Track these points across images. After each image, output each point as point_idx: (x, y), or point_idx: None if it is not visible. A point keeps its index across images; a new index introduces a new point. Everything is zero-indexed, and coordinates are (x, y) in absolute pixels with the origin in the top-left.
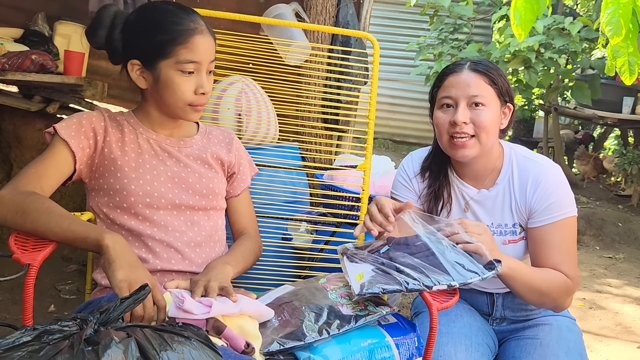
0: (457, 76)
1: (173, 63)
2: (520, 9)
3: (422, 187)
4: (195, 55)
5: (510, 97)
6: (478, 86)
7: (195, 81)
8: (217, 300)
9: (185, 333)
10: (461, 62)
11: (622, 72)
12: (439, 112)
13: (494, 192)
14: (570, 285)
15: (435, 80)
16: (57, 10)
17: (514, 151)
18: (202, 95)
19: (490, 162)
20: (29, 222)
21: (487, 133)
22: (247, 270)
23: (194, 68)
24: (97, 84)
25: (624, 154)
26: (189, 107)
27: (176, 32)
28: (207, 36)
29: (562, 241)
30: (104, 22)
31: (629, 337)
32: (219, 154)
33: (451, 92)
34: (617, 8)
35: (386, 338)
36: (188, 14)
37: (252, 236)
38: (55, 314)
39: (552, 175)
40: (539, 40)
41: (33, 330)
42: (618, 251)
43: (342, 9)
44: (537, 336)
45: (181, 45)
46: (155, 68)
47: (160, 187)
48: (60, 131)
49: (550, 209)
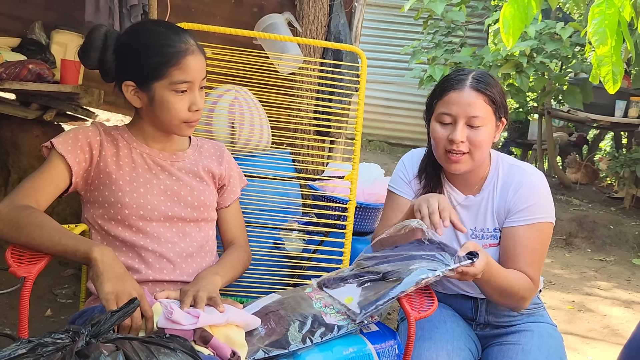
0: (458, 94)
1: (167, 84)
2: (508, 17)
3: (419, 187)
4: (188, 75)
5: (505, 112)
6: (478, 106)
7: (188, 99)
8: (205, 311)
9: (172, 345)
10: (463, 76)
11: (606, 80)
12: (437, 124)
13: (479, 198)
14: (533, 289)
15: (435, 90)
16: (54, 19)
17: (501, 159)
18: (196, 112)
19: (480, 171)
20: (23, 235)
21: (482, 151)
22: (235, 279)
23: (187, 87)
24: (93, 92)
25: (616, 157)
26: (184, 124)
27: (169, 55)
28: (198, 55)
29: (533, 244)
30: (95, 44)
31: (616, 340)
32: (210, 167)
33: (451, 110)
34: (603, 19)
35: (367, 346)
36: (178, 34)
37: (242, 246)
38: (52, 319)
39: (534, 180)
40: (531, 45)
41: (28, 342)
42: (609, 254)
43: (334, 19)
44: (519, 342)
45: (174, 67)
46: (150, 89)
47: (154, 200)
48: (57, 146)
49: (528, 211)
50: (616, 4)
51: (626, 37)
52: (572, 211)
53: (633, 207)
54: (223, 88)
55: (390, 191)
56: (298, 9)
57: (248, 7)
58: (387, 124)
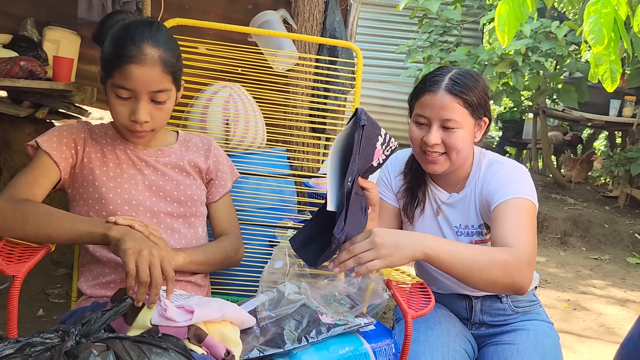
0: (432, 96)
1: (111, 84)
2: (504, 15)
3: (401, 185)
4: (128, 83)
5: (485, 111)
6: (451, 109)
7: (130, 107)
8: (198, 306)
9: (164, 344)
10: (439, 77)
11: (604, 79)
12: (413, 125)
13: (462, 195)
14: (518, 258)
15: (413, 90)
16: (47, 15)
17: (484, 155)
18: (134, 122)
19: (462, 170)
20: (29, 225)
21: (458, 152)
22: (212, 266)
23: (129, 95)
24: (86, 89)
25: (610, 156)
26: (127, 130)
27: (116, 56)
28: (148, 67)
29: (512, 216)
30: (104, 29)
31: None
32: (196, 161)
33: (425, 112)
34: (599, 17)
35: (364, 345)
36: (135, 39)
37: (229, 236)
38: (44, 319)
39: (514, 167)
40: (526, 43)
41: (16, 342)
42: (604, 252)
43: (330, 16)
44: (514, 341)
45: (117, 70)
46: (105, 83)
47: (138, 195)
48: (42, 144)
49: (506, 190)
50: (612, 3)
51: (623, 35)
52: (567, 210)
53: (627, 206)
54: (218, 85)
55: None
56: (293, 6)
57: (243, 4)
58: (382, 123)
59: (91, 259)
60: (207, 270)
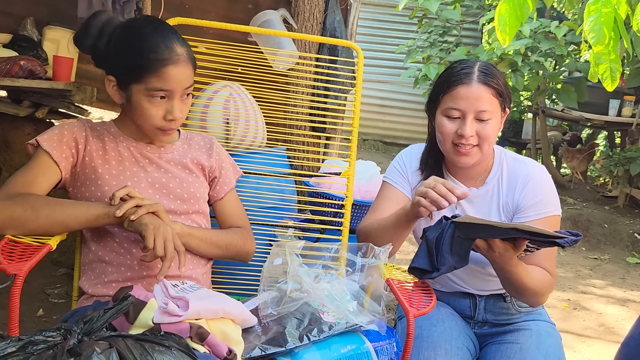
0: (466, 88)
1: (143, 89)
2: (504, 15)
3: (418, 181)
4: (166, 84)
5: (509, 102)
6: (486, 100)
7: (165, 107)
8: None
9: (166, 342)
10: (469, 69)
11: (604, 78)
12: (444, 119)
13: (483, 191)
14: (553, 283)
15: (441, 83)
16: (46, 15)
17: (504, 152)
18: (170, 121)
19: (484, 163)
20: (42, 215)
21: (490, 143)
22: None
23: (164, 94)
24: (86, 89)
25: (610, 156)
26: (158, 131)
27: (149, 61)
28: (183, 65)
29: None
30: (91, 31)
31: (611, 338)
32: (200, 159)
33: (460, 105)
34: (599, 16)
35: (365, 344)
36: (166, 41)
37: (239, 227)
38: (44, 319)
39: (540, 175)
40: (526, 43)
41: (18, 340)
42: (603, 252)
43: (330, 15)
44: (517, 341)
45: (152, 75)
46: (128, 89)
47: (142, 193)
48: (43, 143)
49: (537, 206)
50: (612, 2)
51: (623, 34)
52: (567, 210)
53: (627, 205)
54: (218, 84)
55: (384, 182)
56: (293, 5)
57: (243, 3)
58: (382, 123)
59: (93, 258)
60: (213, 252)
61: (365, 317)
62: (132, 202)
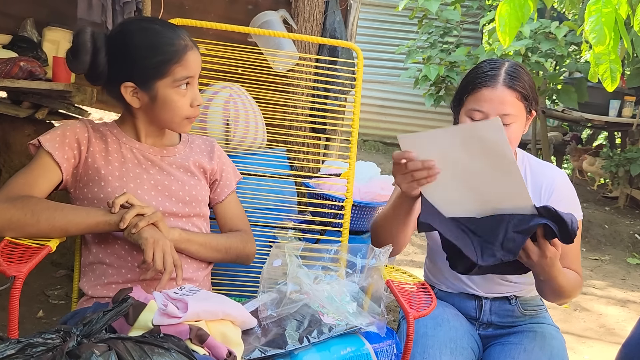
0: (491, 91)
1: (170, 82)
2: (505, 15)
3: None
4: (190, 70)
5: (536, 104)
6: (510, 104)
7: (190, 95)
8: (197, 301)
9: (166, 345)
10: (495, 71)
11: (604, 79)
12: (467, 120)
13: None
14: (581, 282)
15: (466, 84)
16: (46, 16)
17: (527, 156)
18: (197, 107)
19: None
20: (43, 220)
21: (513, 146)
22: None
23: (188, 81)
24: (86, 90)
25: (610, 157)
26: (186, 120)
27: (170, 53)
28: (195, 50)
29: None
30: (85, 47)
31: (612, 339)
32: (201, 162)
33: (484, 107)
34: (600, 16)
35: (365, 345)
36: (174, 31)
37: (239, 230)
38: (43, 320)
39: (563, 180)
40: (526, 44)
41: (17, 343)
42: (604, 253)
43: (330, 16)
44: (521, 342)
45: (177, 64)
46: (152, 88)
47: (144, 195)
48: (45, 143)
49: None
50: (613, 2)
51: (623, 34)
52: None
53: (627, 206)
54: (218, 85)
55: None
56: (293, 6)
57: (243, 4)
58: (382, 124)
59: (94, 260)
60: (213, 256)
61: (365, 318)
62: (134, 211)
